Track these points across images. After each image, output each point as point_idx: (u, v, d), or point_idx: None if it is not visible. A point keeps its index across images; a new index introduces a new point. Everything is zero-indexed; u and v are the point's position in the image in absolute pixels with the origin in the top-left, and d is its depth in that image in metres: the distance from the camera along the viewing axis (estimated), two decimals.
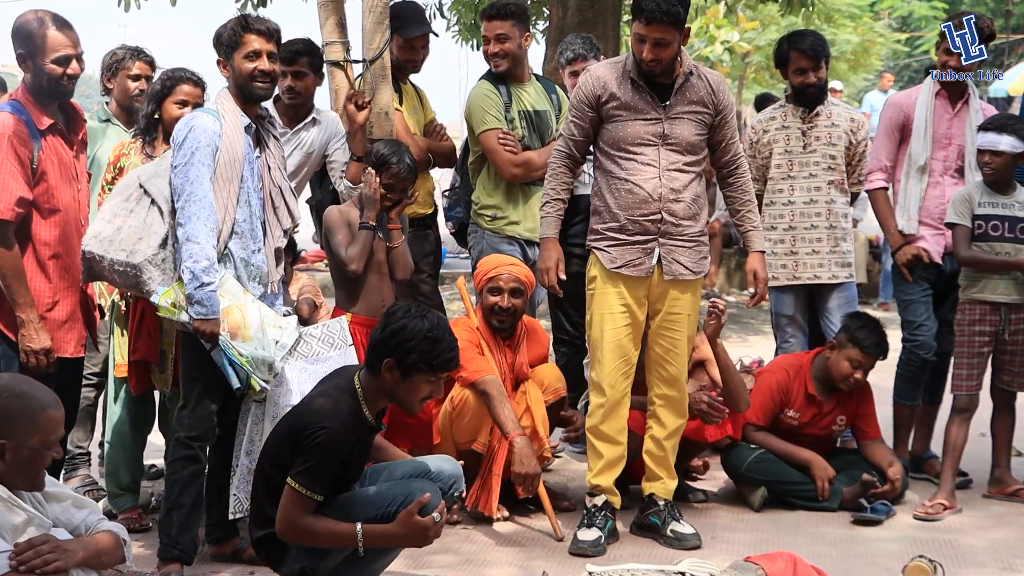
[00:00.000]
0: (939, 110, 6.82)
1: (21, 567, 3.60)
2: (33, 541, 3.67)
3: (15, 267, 5.15)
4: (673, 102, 5.54)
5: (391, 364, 4.60)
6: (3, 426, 3.75)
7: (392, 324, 4.63)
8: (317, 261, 13.61)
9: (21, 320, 5.14)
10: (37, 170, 5.21)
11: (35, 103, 5.27)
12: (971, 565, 5.50)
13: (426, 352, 4.59)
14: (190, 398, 5.21)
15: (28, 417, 3.79)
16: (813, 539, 5.83)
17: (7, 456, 3.75)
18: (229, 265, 5.13)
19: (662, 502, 5.73)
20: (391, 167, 5.95)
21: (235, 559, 5.49)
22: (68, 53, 5.25)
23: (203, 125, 5.07)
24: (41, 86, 5.27)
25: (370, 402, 4.70)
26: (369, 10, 6.62)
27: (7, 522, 3.71)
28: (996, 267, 6.32)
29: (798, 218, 6.89)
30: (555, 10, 10.90)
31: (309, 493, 4.51)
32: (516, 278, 6.16)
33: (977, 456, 6.74)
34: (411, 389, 4.68)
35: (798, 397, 6.48)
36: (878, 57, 25.94)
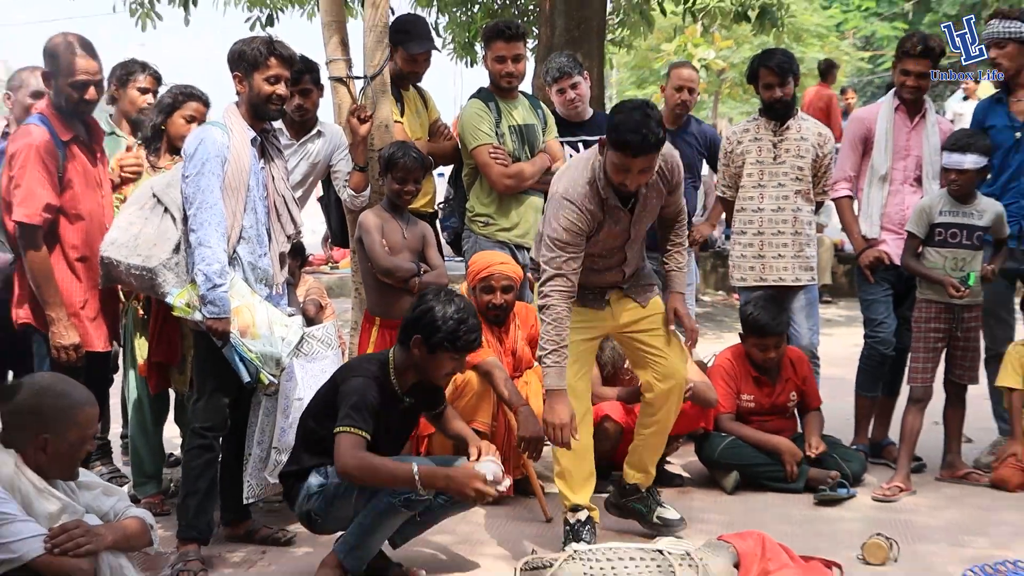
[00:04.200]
0: (899, 124, 6.85)
1: (56, 550, 3.65)
2: (66, 526, 3.72)
3: (44, 269, 5.21)
4: (639, 206, 5.24)
5: (419, 341, 4.78)
6: (46, 423, 3.80)
7: (422, 305, 4.83)
8: (322, 264, 13.65)
9: (51, 318, 5.21)
10: (63, 179, 5.26)
11: (59, 118, 5.32)
12: (924, 542, 5.55)
13: (451, 332, 4.76)
14: (204, 392, 5.24)
15: (68, 415, 3.84)
16: (780, 519, 5.87)
17: (48, 449, 3.80)
18: (238, 268, 5.14)
19: (644, 489, 5.61)
20: (399, 161, 6.03)
21: (248, 539, 5.53)
22: (87, 79, 5.30)
23: (213, 138, 5.07)
24: (60, 105, 5.32)
25: (399, 373, 4.89)
26: (370, 30, 6.66)
27: (43, 509, 3.76)
28: (927, 278, 6.39)
29: (766, 224, 6.92)
30: (544, 30, 10.97)
31: (356, 431, 4.65)
32: (507, 276, 6.19)
33: (931, 443, 6.78)
34: (436, 365, 4.86)
35: (746, 383, 6.57)
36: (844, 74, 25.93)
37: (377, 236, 6.02)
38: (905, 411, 6.52)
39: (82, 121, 5.45)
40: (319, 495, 4.83)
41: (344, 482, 4.74)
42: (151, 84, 6.56)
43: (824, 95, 15.77)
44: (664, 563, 4.80)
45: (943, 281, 6.30)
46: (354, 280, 6.86)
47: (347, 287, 9.27)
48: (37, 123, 5.29)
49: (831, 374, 7.27)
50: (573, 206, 5.05)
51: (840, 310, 12.59)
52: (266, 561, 5.33)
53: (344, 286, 11.45)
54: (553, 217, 5.09)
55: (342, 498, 4.79)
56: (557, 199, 5.10)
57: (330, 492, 4.80)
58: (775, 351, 6.51)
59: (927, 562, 5.28)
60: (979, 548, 5.46)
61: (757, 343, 6.50)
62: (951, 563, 5.23)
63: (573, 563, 4.80)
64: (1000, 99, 6.80)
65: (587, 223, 5.08)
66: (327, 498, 4.81)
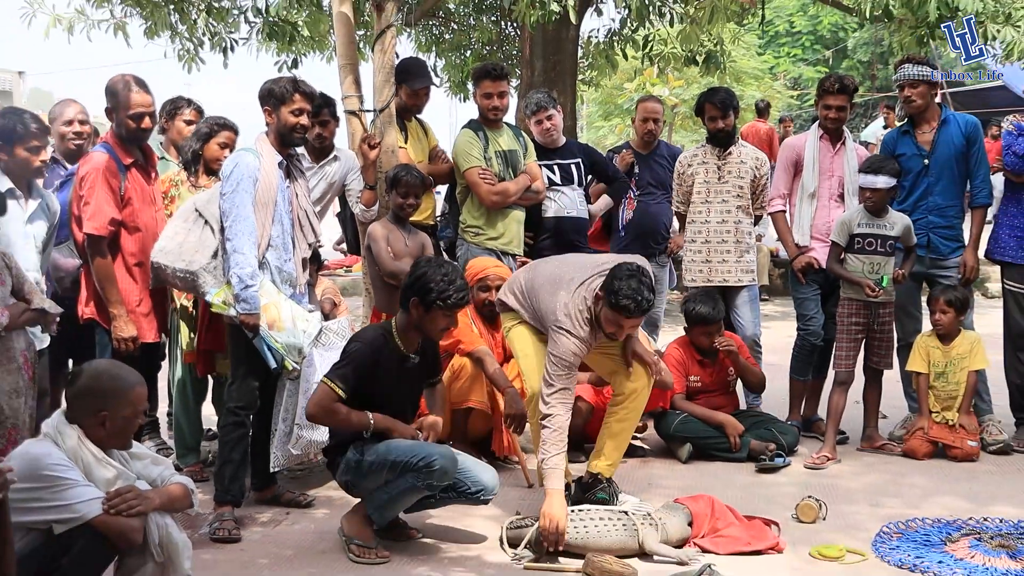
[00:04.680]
0: (823, 150, 6.86)
1: (112, 510, 3.63)
2: (121, 490, 3.70)
3: (108, 273, 5.31)
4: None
5: (416, 302, 4.80)
6: (104, 401, 3.77)
7: (417, 271, 4.85)
8: (338, 268, 13.59)
9: (113, 315, 5.32)
10: (124, 197, 5.34)
11: (120, 145, 5.36)
12: (848, 503, 5.54)
13: (442, 291, 4.77)
14: (237, 376, 5.23)
15: (122, 393, 3.82)
16: (727, 484, 5.85)
17: (106, 424, 3.77)
18: (266, 271, 5.15)
19: (605, 480, 5.38)
20: (402, 179, 6.09)
21: (274, 502, 5.52)
22: (142, 111, 5.38)
23: (246, 161, 5.09)
24: (121, 134, 5.35)
25: (401, 334, 4.90)
26: (379, 70, 6.66)
27: (101, 476, 3.73)
28: (848, 280, 6.40)
29: (712, 234, 6.90)
30: (525, 71, 10.98)
31: (335, 385, 4.70)
32: (500, 277, 6.19)
33: (852, 419, 6.77)
34: (432, 321, 4.85)
35: (692, 367, 6.56)
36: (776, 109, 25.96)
37: (383, 244, 6.04)
38: (831, 392, 6.52)
39: (139, 147, 5.49)
40: (356, 469, 4.82)
41: (376, 459, 4.75)
42: (195, 117, 6.63)
43: (764, 129, 15.86)
44: (629, 522, 4.80)
45: (861, 283, 6.31)
46: (364, 282, 6.84)
47: (359, 287, 9.24)
48: (102, 150, 5.42)
49: (769, 361, 7.25)
50: (578, 339, 5.03)
51: (776, 307, 12.57)
52: (290, 521, 5.32)
53: (356, 287, 11.42)
54: (562, 346, 5.01)
55: (375, 473, 4.78)
56: (563, 333, 5.02)
57: (364, 467, 4.79)
58: (718, 335, 6.50)
59: (851, 520, 5.27)
60: (893, 508, 5.46)
61: (703, 331, 6.48)
62: (870, 521, 5.23)
63: None
64: (907, 131, 6.79)
65: (588, 347, 5.11)
66: (362, 472, 4.81)
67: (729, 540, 4.86)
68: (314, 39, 11.67)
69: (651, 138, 7.68)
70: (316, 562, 4.75)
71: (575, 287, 5.13)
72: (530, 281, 5.41)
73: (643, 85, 20.31)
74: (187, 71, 10.79)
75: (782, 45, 33.71)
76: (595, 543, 4.70)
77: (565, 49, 10.86)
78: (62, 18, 9.75)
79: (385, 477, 4.78)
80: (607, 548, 4.68)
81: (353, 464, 4.81)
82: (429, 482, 4.76)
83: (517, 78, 11.76)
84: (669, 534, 4.83)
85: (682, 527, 4.90)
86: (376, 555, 4.74)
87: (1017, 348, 6.67)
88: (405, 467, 4.72)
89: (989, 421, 6.60)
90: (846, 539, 4.96)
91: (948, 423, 6.39)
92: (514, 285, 5.55)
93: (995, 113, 17.24)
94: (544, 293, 5.24)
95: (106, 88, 5.41)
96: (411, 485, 4.76)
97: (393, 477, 4.77)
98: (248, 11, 10.62)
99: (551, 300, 5.16)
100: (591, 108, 30.16)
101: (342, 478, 4.91)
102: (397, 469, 4.74)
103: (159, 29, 10.20)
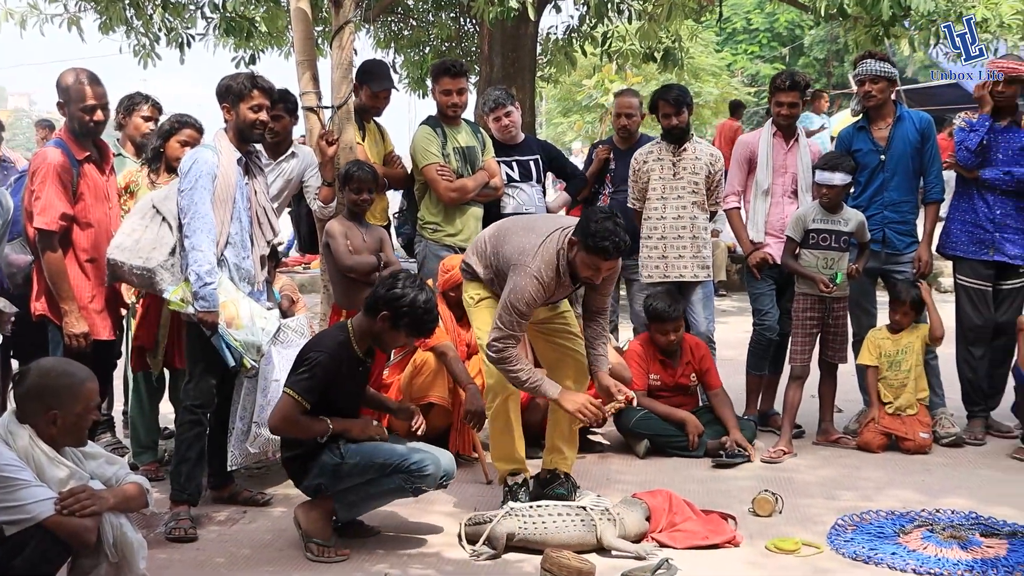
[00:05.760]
0: (777, 147, 6.88)
1: (64, 511, 3.59)
2: (74, 490, 3.66)
3: (59, 268, 5.25)
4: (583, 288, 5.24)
5: (386, 316, 4.70)
6: (55, 399, 3.74)
7: (397, 288, 4.71)
8: (296, 265, 13.53)
9: (64, 311, 5.25)
10: (77, 192, 5.28)
11: (73, 140, 5.30)
12: (804, 496, 5.58)
13: (418, 318, 4.71)
14: (194, 374, 5.18)
15: (73, 391, 3.78)
16: (685, 479, 5.87)
17: (58, 422, 3.74)
18: (225, 269, 5.10)
19: (563, 475, 5.39)
20: (353, 175, 6.07)
21: (231, 501, 5.49)
22: (93, 104, 5.31)
23: (204, 158, 5.05)
24: (74, 128, 5.29)
25: (358, 338, 4.80)
26: (336, 67, 6.63)
27: (54, 475, 3.70)
28: (803, 276, 6.43)
29: (668, 230, 6.88)
30: (483, 67, 10.96)
31: (300, 398, 4.61)
32: None
33: (808, 413, 6.82)
34: (394, 338, 4.82)
35: (653, 364, 6.57)
36: None
37: (342, 240, 6.03)
38: (787, 386, 6.57)
39: (93, 142, 5.43)
40: (334, 472, 4.74)
41: (360, 461, 4.71)
42: (153, 113, 6.59)
43: (736, 127, 15.96)
44: (587, 517, 4.80)
45: (815, 278, 6.35)
46: (322, 279, 6.80)
47: (317, 284, 9.20)
48: (54, 146, 5.34)
49: (726, 356, 7.29)
50: (540, 284, 4.94)
51: (733, 302, 12.65)
52: (247, 519, 5.29)
53: (314, 283, 11.37)
54: (520, 287, 4.92)
55: (356, 475, 4.74)
56: (528, 274, 4.93)
57: (345, 470, 4.73)
58: (675, 334, 6.51)
59: (806, 513, 5.30)
60: (848, 500, 5.50)
61: (659, 328, 6.50)
62: (826, 513, 5.26)
63: (509, 518, 4.80)
64: (863, 127, 6.85)
65: (544, 297, 5.01)
66: (340, 475, 4.73)
67: (686, 534, 4.87)
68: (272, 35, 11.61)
69: (626, 133, 7.60)
70: (273, 561, 4.72)
71: (548, 233, 5.05)
72: (497, 235, 5.28)
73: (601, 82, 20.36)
74: (143, 67, 10.71)
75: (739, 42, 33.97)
76: (553, 538, 4.71)
77: (524, 46, 10.86)
78: (14, 12, 9.63)
79: (369, 476, 4.75)
80: (565, 543, 4.69)
81: (331, 468, 4.73)
82: (418, 485, 4.77)
83: (476, 75, 11.74)
84: (627, 529, 4.84)
85: (640, 522, 4.91)
86: (335, 553, 4.72)
87: (969, 342, 6.75)
88: (396, 468, 4.71)
89: (942, 414, 6.66)
90: (802, 532, 4.99)
91: (900, 413, 6.46)
92: (477, 242, 5.43)
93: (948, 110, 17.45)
94: (513, 237, 5.12)
95: (57, 83, 5.35)
96: (398, 486, 4.76)
97: (378, 476, 4.74)
98: (205, 6, 10.55)
99: (520, 241, 5.06)
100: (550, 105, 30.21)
101: (314, 482, 4.79)
102: (387, 470, 4.72)
103: (114, 24, 10.11)
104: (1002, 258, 6.61)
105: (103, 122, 5.43)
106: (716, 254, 12.51)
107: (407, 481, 4.74)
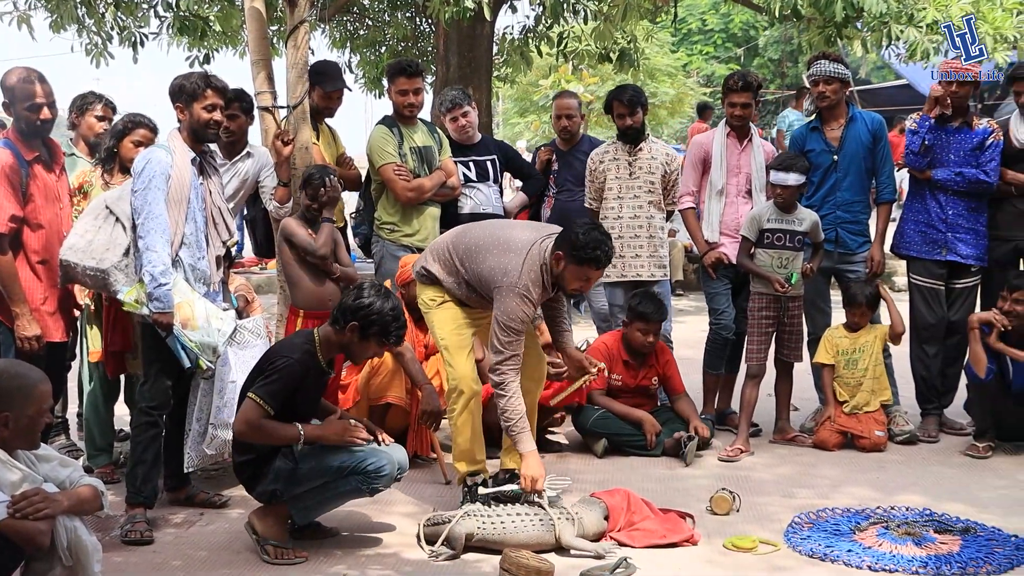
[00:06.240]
0: (731, 147, 6.91)
1: (17, 514, 3.54)
2: (27, 493, 3.59)
3: (10, 270, 5.13)
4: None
5: (355, 327, 4.70)
6: (6, 401, 3.68)
7: (364, 298, 4.71)
8: (252, 266, 13.44)
9: (16, 313, 5.13)
10: (26, 193, 5.16)
11: (21, 140, 5.21)
12: (761, 494, 5.61)
13: (386, 327, 4.71)
14: (150, 375, 5.14)
15: (25, 392, 3.72)
16: (643, 478, 5.89)
17: (10, 425, 3.68)
18: (180, 269, 5.06)
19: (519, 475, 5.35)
20: (315, 183, 5.98)
21: (188, 503, 5.45)
22: (40, 102, 5.21)
23: (158, 158, 5.01)
24: (21, 128, 5.21)
25: (323, 349, 4.78)
26: (292, 67, 6.57)
27: (5, 479, 3.64)
28: (758, 275, 6.48)
29: (625, 229, 6.89)
30: (440, 67, 10.94)
31: (264, 403, 4.58)
32: None
33: (765, 412, 6.87)
34: (364, 348, 4.80)
35: (617, 364, 6.57)
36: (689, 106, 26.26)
37: (303, 231, 5.95)
38: (744, 385, 6.60)
39: (43, 142, 5.34)
40: (289, 477, 4.70)
41: (316, 465, 4.67)
42: (106, 112, 6.52)
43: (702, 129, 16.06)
44: (546, 517, 4.82)
45: (770, 277, 6.40)
46: (279, 279, 6.76)
47: (273, 285, 9.14)
48: (2, 146, 5.21)
49: (683, 355, 7.31)
50: (530, 302, 5.02)
51: (690, 302, 12.71)
52: (204, 521, 5.25)
53: (271, 284, 11.30)
54: (511, 309, 4.97)
55: (312, 479, 4.70)
56: (517, 294, 4.97)
57: (301, 474, 4.69)
58: (654, 336, 6.51)
59: (763, 511, 5.34)
60: (805, 498, 5.55)
61: (641, 328, 6.48)
62: (783, 511, 5.30)
63: (468, 519, 4.80)
64: (816, 127, 6.90)
65: (534, 313, 5.12)
66: (296, 479, 4.70)
67: (645, 533, 4.89)
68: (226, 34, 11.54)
69: (567, 135, 7.64)
70: (231, 563, 4.68)
71: (527, 249, 5.06)
72: (465, 246, 5.25)
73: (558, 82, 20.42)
74: (95, 66, 10.60)
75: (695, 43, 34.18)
76: (512, 538, 4.72)
77: (480, 46, 10.86)
78: None
79: (325, 480, 4.72)
80: (524, 543, 4.70)
81: (285, 473, 4.69)
82: (375, 486, 4.75)
83: (432, 75, 11.73)
84: (586, 528, 4.86)
85: (598, 521, 4.92)
86: (293, 555, 4.69)
87: (922, 341, 6.83)
88: (352, 471, 4.69)
89: (896, 412, 6.73)
90: (759, 530, 5.03)
91: (857, 411, 6.53)
92: (438, 251, 5.38)
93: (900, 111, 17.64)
94: (489, 256, 5.11)
95: (2, 82, 5.25)
96: (354, 488, 4.75)
97: (334, 479, 4.72)
98: (158, 5, 10.45)
99: (500, 261, 5.06)
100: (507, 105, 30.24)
101: (268, 488, 4.74)
102: (343, 472, 4.70)
103: (65, 22, 9.99)
104: (955, 258, 6.70)
105: (51, 121, 5.34)
106: (673, 254, 12.59)
107: (364, 482, 4.73)
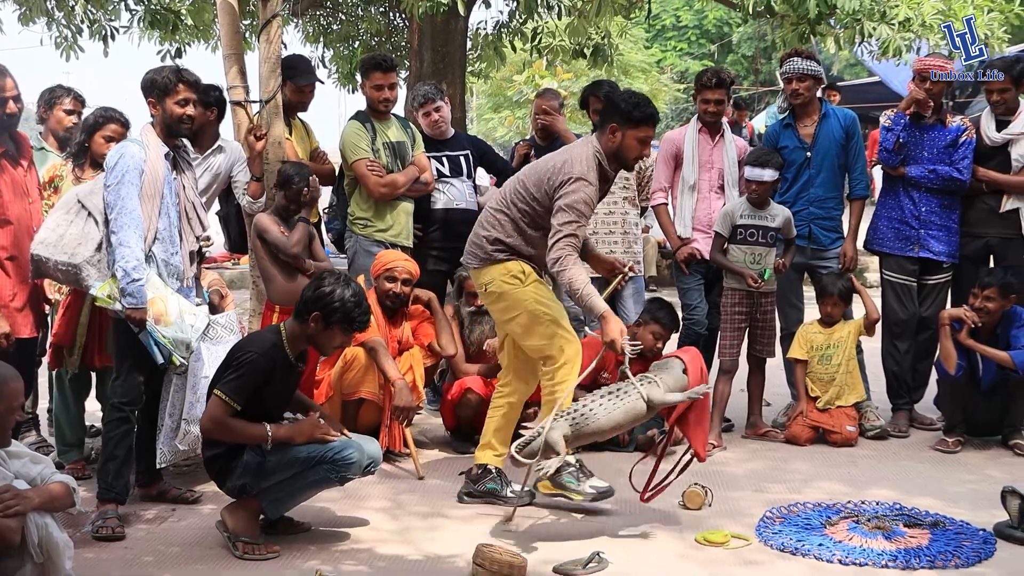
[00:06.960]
0: (703, 143, 6.95)
1: None
2: None
3: None
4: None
5: (317, 317, 4.69)
6: None
7: (323, 287, 4.72)
8: (225, 261, 13.40)
9: None
10: None
11: None
12: (733, 489, 5.65)
13: (347, 313, 4.70)
14: (122, 371, 5.12)
15: None
16: (617, 472, 5.84)
17: None
18: (153, 265, 5.04)
19: (495, 469, 5.40)
20: (295, 182, 6.01)
21: (160, 499, 5.43)
22: (5, 96, 5.15)
23: (131, 152, 4.99)
24: None
25: (291, 343, 4.77)
26: (264, 61, 6.56)
27: None
28: (731, 271, 6.53)
29: (600, 225, 6.93)
30: (414, 62, 10.90)
31: (230, 400, 4.58)
32: (408, 271, 6.23)
33: (737, 407, 6.91)
34: (329, 338, 4.78)
35: (610, 364, 6.57)
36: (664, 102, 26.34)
37: (276, 228, 5.99)
38: (716, 380, 6.60)
39: (10, 136, 5.30)
40: (258, 470, 4.69)
41: (283, 458, 4.67)
42: (75, 106, 6.46)
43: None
44: (630, 387, 4.88)
45: (743, 273, 6.44)
46: (252, 275, 6.75)
47: (246, 280, 9.11)
48: None
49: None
50: (591, 186, 5.04)
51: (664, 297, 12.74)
52: (176, 517, 5.24)
53: (244, 279, 11.27)
54: (574, 191, 4.98)
55: (280, 471, 4.69)
56: (574, 181, 5.00)
57: (269, 467, 4.68)
58: (663, 342, 6.53)
59: (735, 506, 5.38)
60: (777, 493, 5.59)
61: (655, 331, 6.47)
62: (755, 506, 5.34)
63: (558, 423, 4.81)
64: (789, 124, 6.95)
65: (595, 198, 5.10)
66: (265, 472, 4.69)
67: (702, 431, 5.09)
68: (198, 28, 11.44)
69: (546, 133, 7.65)
70: (203, 559, 4.67)
71: (571, 149, 5.23)
72: (506, 192, 5.30)
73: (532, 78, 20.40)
74: (66, 59, 10.51)
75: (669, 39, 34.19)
76: (608, 422, 4.84)
77: (454, 41, 10.83)
78: None
79: (294, 471, 4.72)
80: (620, 423, 4.87)
81: (254, 466, 4.68)
82: (344, 475, 4.76)
83: (406, 69, 11.70)
84: (670, 387, 4.94)
85: (679, 376, 4.99)
86: (265, 550, 4.69)
87: (894, 336, 6.89)
88: (320, 460, 4.69)
89: (867, 407, 6.78)
90: (731, 524, 5.06)
91: (830, 407, 6.57)
92: (489, 221, 5.30)
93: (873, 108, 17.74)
94: (533, 174, 5.21)
95: None
96: (323, 477, 4.75)
97: (303, 469, 4.72)
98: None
99: (551, 163, 5.17)
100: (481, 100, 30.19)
101: (237, 482, 4.74)
102: (311, 462, 4.70)
103: (34, 15, 9.89)
104: (927, 254, 6.76)
105: (16, 115, 5.30)
106: (646, 249, 12.63)
107: (332, 471, 4.73)
